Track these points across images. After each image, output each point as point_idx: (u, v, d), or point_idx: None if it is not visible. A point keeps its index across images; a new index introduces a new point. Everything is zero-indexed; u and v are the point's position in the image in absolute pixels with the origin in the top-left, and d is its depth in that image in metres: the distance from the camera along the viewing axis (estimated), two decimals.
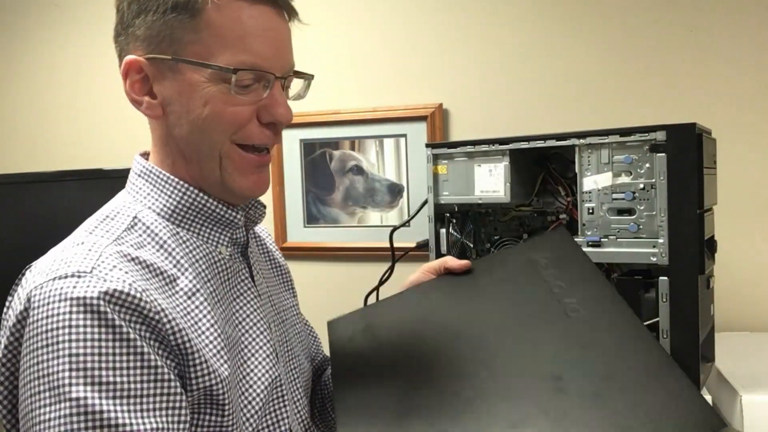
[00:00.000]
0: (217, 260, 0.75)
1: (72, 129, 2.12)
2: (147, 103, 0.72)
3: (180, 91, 0.70)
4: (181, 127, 0.71)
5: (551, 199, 1.30)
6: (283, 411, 0.77)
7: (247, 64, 0.68)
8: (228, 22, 0.68)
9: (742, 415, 1.04)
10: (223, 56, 0.68)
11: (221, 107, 0.69)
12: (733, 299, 1.50)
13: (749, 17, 1.51)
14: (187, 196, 0.74)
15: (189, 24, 0.68)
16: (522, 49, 1.66)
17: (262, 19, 0.70)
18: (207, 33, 0.68)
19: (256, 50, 0.69)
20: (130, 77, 0.71)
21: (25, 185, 1.46)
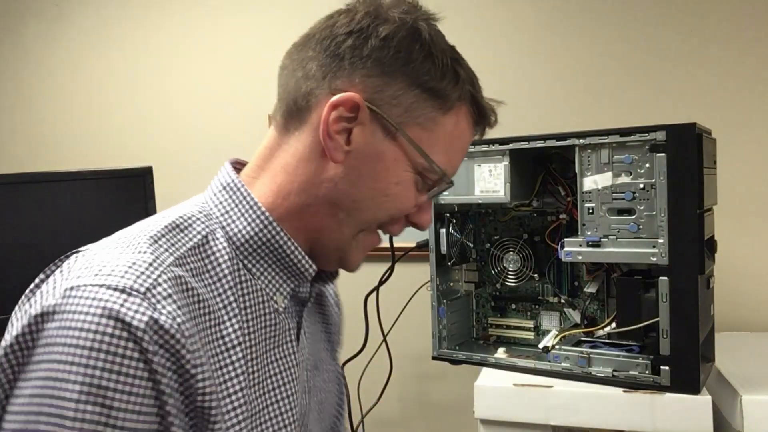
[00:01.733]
0: (268, 311, 0.66)
1: (72, 129, 2.12)
2: (337, 145, 0.63)
3: (378, 153, 0.64)
4: (353, 184, 0.65)
5: (551, 199, 1.30)
6: None
7: (447, 177, 0.68)
8: (457, 129, 0.67)
9: (743, 415, 1.03)
10: (437, 155, 0.65)
11: (405, 195, 0.66)
12: (733, 299, 1.50)
13: (749, 17, 1.51)
14: (267, 230, 0.66)
15: (432, 110, 0.65)
16: (522, 49, 1.66)
17: (469, 138, 0.70)
18: (440, 129, 0.65)
19: (454, 164, 0.69)
20: (338, 110, 0.62)
21: (24, 185, 1.46)
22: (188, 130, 1.99)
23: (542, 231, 1.30)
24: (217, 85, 1.95)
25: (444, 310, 1.34)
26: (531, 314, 1.36)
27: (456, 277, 1.40)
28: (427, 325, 1.35)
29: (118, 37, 2.05)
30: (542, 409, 1.12)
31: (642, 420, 1.06)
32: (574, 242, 1.14)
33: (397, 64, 0.63)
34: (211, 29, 1.95)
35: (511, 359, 1.25)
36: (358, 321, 1.47)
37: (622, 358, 1.12)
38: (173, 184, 1.96)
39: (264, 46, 1.88)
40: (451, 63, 0.65)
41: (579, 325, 1.28)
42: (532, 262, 1.31)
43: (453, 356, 1.32)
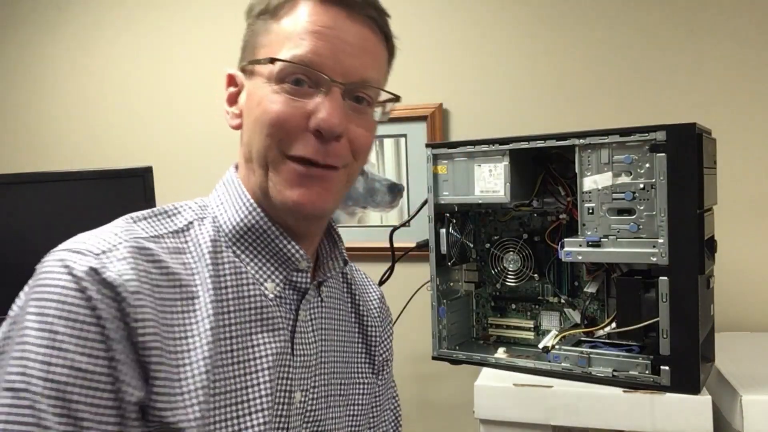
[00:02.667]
0: (255, 295, 0.66)
1: (72, 129, 2.12)
2: (230, 114, 0.71)
3: (247, 95, 0.69)
4: (244, 133, 0.69)
5: (551, 199, 1.30)
6: None
7: (295, 59, 0.63)
8: (293, 19, 0.65)
9: (743, 415, 1.03)
10: (280, 53, 0.64)
11: (268, 106, 0.64)
12: (733, 299, 1.50)
13: (749, 17, 1.51)
14: (251, 216, 0.68)
15: (267, 29, 0.67)
16: (522, 49, 1.66)
17: (327, 17, 0.65)
18: (275, 33, 0.66)
19: (310, 47, 0.64)
20: (227, 91, 0.72)
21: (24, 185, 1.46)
22: (188, 130, 1.98)
23: (542, 231, 1.30)
24: (217, 85, 1.94)
25: (444, 310, 1.34)
26: (531, 314, 1.36)
27: (456, 277, 1.40)
28: (427, 325, 1.35)
29: (119, 37, 2.05)
30: (542, 409, 1.12)
31: (642, 420, 1.06)
32: (574, 242, 1.14)
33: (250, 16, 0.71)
34: (211, 29, 1.95)
35: (511, 359, 1.25)
36: None
37: (622, 358, 1.12)
38: (173, 184, 1.96)
39: None
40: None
41: (579, 325, 1.28)
42: (532, 262, 1.31)
43: (453, 356, 1.32)
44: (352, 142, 0.67)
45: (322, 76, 0.64)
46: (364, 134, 0.69)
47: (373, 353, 0.84)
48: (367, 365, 0.82)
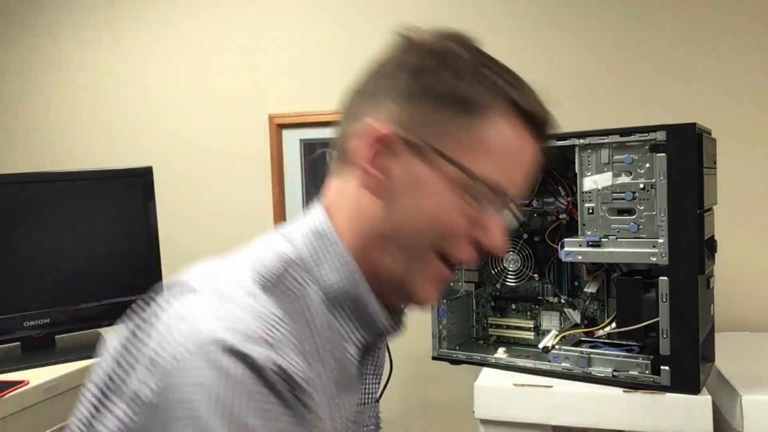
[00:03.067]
0: (342, 356, 0.65)
1: (72, 129, 2.12)
2: (377, 181, 0.63)
3: (415, 180, 0.63)
4: (397, 215, 0.64)
5: (551, 199, 1.30)
6: None
7: (496, 186, 0.62)
8: (501, 137, 0.63)
9: (743, 415, 1.03)
10: (478, 165, 0.62)
11: (448, 211, 0.62)
12: (733, 299, 1.50)
13: (749, 17, 1.51)
14: (357, 287, 0.65)
15: (460, 120, 0.62)
16: (522, 49, 1.66)
17: (530, 151, 0.65)
18: (476, 137, 0.62)
19: (511, 175, 0.63)
20: (373, 147, 0.62)
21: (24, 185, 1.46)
22: (188, 130, 1.98)
23: (542, 231, 1.30)
24: (217, 85, 1.95)
25: (444, 310, 1.34)
26: (531, 314, 1.36)
27: (456, 277, 1.40)
28: (427, 325, 1.35)
29: (118, 37, 2.05)
30: (542, 409, 1.12)
31: (642, 420, 1.06)
32: (574, 242, 1.14)
33: (423, 88, 0.62)
34: (211, 30, 1.95)
35: (511, 359, 1.25)
36: None
37: (622, 358, 1.12)
38: (173, 184, 1.96)
39: (264, 47, 1.88)
40: (477, 65, 0.63)
41: (579, 325, 1.28)
42: (532, 262, 1.31)
43: (453, 356, 1.32)
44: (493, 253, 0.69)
45: (510, 203, 0.65)
46: None
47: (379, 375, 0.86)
48: None
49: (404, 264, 0.65)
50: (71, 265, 1.46)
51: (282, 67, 1.87)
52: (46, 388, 1.27)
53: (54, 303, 1.43)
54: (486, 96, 0.62)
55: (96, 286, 1.47)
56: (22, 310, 1.40)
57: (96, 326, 1.49)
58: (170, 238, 1.85)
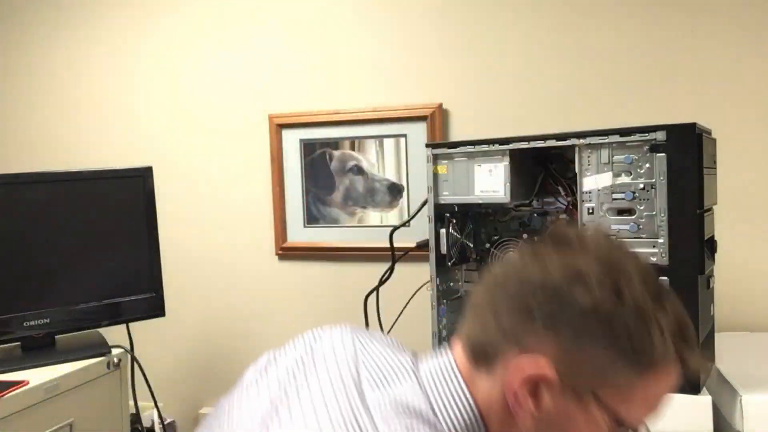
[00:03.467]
0: None
1: (72, 129, 2.12)
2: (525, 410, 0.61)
3: (566, 417, 0.61)
4: None
5: (551, 199, 1.30)
6: None
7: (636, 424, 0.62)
8: (657, 387, 0.61)
9: (743, 414, 1.03)
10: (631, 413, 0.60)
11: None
12: (733, 299, 1.50)
13: (749, 17, 1.51)
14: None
15: (627, 372, 0.59)
16: (522, 49, 1.66)
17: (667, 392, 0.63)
18: (636, 390, 0.60)
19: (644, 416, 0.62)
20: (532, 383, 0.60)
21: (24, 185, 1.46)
22: (188, 130, 1.99)
23: (542, 231, 1.30)
24: (217, 85, 1.95)
25: (444, 309, 1.34)
26: None
27: (456, 277, 1.40)
28: (427, 325, 1.35)
29: (119, 37, 2.05)
30: None
31: None
32: None
33: (593, 330, 0.59)
34: (211, 30, 1.95)
35: None
36: (358, 321, 1.47)
37: None
38: (173, 185, 1.96)
39: (264, 47, 1.88)
40: (652, 316, 0.59)
41: None
42: None
43: None
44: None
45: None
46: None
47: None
48: None
49: None
50: (71, 265, 1.46)
51: (282, 67, 1.87)
52: (46, 388, 1.27)
53: (54, 303, 1.43)
54: (661, 354, 0.59)
55: (96, 286, 1.47)
56: (22, 310, 1.40)
57: (96, 326, 1.49)
58: (170, 238, 1.85)
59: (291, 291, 1.90)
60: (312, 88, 1.85)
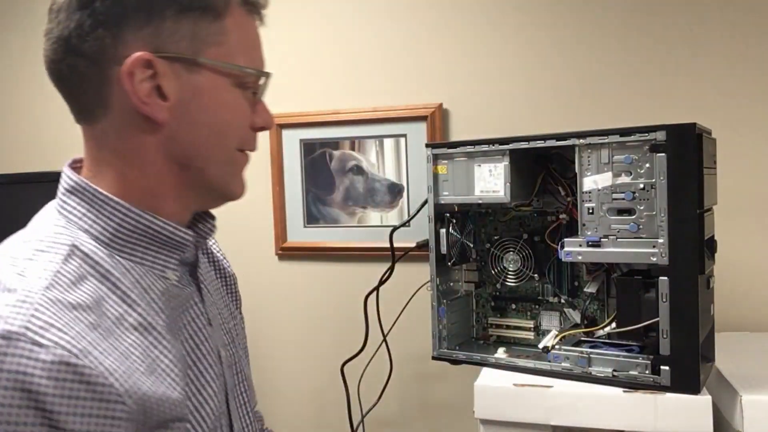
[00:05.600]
0: (167, 287, 0.67)
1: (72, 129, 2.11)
2: (156, 106, 0.63)
3: (196, 94, 0.65)
4: (191, 133, 0.66)
5: (551, 199, 1.30)
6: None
7: (263, 73, 0.71)
8: (242, 29, 0.69)
9: (743, 415, 1.04)
10: (242, 58, 0.68)
11: (239, 112, 0.70)
12: (734, 299, 1.50)
13: (749, 17, 1.51)
14: (129, 218, 0.65)
15: (213, 26, 0.65)
16: (522, 49, 1.66)
17: (255, 28, 0.73)
18: (230, 37, 0.67)
19: (259, 58, 0.72)
20: (136, 75, 0.62)
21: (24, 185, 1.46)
22: None
23: (542, 231, 1.30)
24: None
25: (444, 310, 1.34)
26: (531, 314, 1.36)
27: (456, 277, 1.40)
28: (426, 325, 1.35)
29: None
30: (542, 409, 1.12)
31: (642, 420, 1.06)
32: (574, 242, 1.14)
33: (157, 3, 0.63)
34: None
35: (511, 359, 1.25)
36: (358, 321, 1.47)
37: (622, 358, 1.12)
38: None
39: (264, 46, 1.88)
40: None
41: (579, 325, 1.28)
42: (532, 262, 1.31)
43: (453, 356, 1.32)
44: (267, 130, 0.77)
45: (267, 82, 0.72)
46: None
47: (234, 294, 0.91)
48: (234, 306, 0.90)
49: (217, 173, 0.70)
50: None
51: (282, 67, 1.87)
52: None
53: None
54: None
55: None
56: None
57: None
58: None
59: (291, 291, 1.90)
60: (312, 88, 1.85)
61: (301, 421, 1.92)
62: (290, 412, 1.91)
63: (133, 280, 0.64)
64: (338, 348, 1.76)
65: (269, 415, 1.84)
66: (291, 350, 1.91)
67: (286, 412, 1.91)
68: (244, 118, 0.71)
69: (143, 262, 0.66)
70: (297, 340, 1.90)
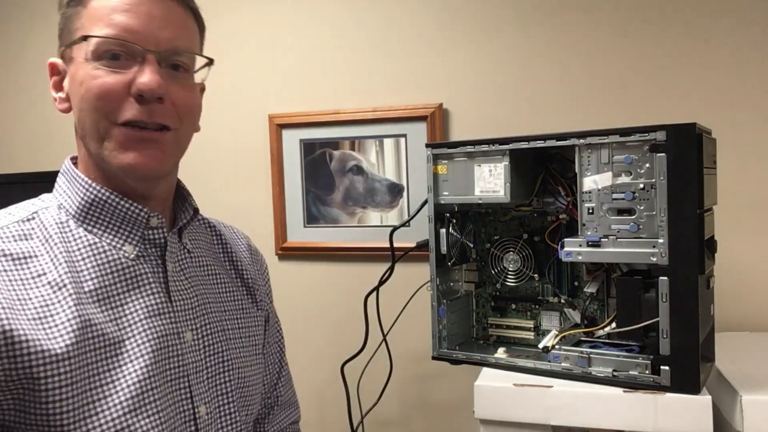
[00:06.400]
0: (114, 259, 0.74)
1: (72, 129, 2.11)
2: (58, 100, 0.77)
3: (70, 79, 0.76)
4: (75, 114, 0.75)
5: (551, 199, 1.30)
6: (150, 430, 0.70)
7: (109, 35, 0.71)
8: (102, 3, 0.73)
9: (743, 415, 1.03)
10: (92, 32, 0.72)
11: (91, 83, 0.72)
12: (734, 299, 1.50)
13: (749, 17, 1.51)
14: (89, 192, 0.76)
15: (78, 13, 0.74)
16: (522, 49, 1.66)
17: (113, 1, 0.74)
18: (87, 16, 0.73)
19: (120, 23, 0.72)
20: (52, 80, 0.79)
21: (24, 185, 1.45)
22: None
23: (542, 231, 1.30)
24: (217, 85, 1.95)
25: (444, 310, 1.34)
26: (531, 314, 1.36)
27: (456, 277, 1.40)
28: (426, 325, 1.35)
29: None
30: (542, 409, 1.12)
31: (642, 420, 1.06)
32: (574, 242, 1.14)
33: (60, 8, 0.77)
34: (211, 30, 1.94)
35: (511, 359, 1.25)
36: (358, 321, 1.47)
37: (622, 358, 1.12)
38: None
39: (265, 47, 1.88)
40: None
41: (579, 325, 1.28)
42: (532, 262, 1.31)
43: (453, 356, 1.32)
44: (176, 104, 0.76)
45: (136, 47, 0.72)
46: (187, 96, 0.79)
47: (252, 290, 0.95)
48: (249, 301, 0.93)
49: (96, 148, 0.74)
50: None
51: (282, 67, 1.87)
52: None
53: None
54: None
55: None
56: None
57: None
58: None
59: (291, 291, 1.90)
60: (312, 88, 1.85)
61: (301, 420, 1.92)
62: None
63: (75, 248, 0.73)
64: (338, 348, 1.77)
65: None
66: (291, 350, 1.91)
67: None
68: (103, 86, 0.72)
69: (104, 234, 0.75)
70: (297, 340, 1.90)
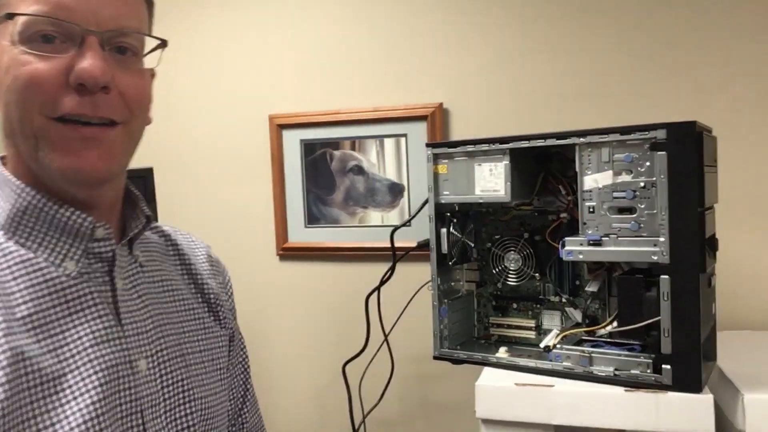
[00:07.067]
0: (52, 278, 0.62)
1: None
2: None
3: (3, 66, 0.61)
4: (1, 109, 0.62)
5: (552, 198, 1.30)
6: None
7: (39, 12, 0.58)
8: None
9: (744, 413, 1.03)
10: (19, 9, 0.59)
11: (19, 69, 0.59)
12: (735, 298, 1.50)
13: (749, 17, 1.51)
14: (21, 198, 0.63)
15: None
16: (522, 48, 1.66)
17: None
18: None
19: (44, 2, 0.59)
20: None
21: None
22: (189, 131, 1.99)
23: (543, 230, 1.30)
24: (217, 85, 1.95)
25: (445, 309, 1.34)
26: (532, 313, 1.36)
27: (457, 277, 1.40)
28: (428, 325, 1.35)
29: None
30: (544, 408, 1.12)
31: (644, 419, 1.06)
32: (575, 241, 1.14)
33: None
34: (211, 30, 1.95)
35: (513, 359, 1.25)
36: (359, 321, 1.47)
37: (623, 357, 1.12)
38: (174, 186, 1.96)
39: (265, 47, 1.88)
40: None
41: (580, 324, 1.28)
42: (533, 261, 1.31)
43: (454, 356, 1.32)
44: (124, 94, 0.64)
45: (73, 26, 0.59)
46: (137, 84, 0.66)
47: (214, 307, 0.83)
48: (211, 319, 0.81)
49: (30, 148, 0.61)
50: None
51: (282, 67, 1.87)
52: None
53: None
54: None
55: None
56: None
57: None
58: None
59: (292, 291, 1.90)
60: (312, 88, 1.85)
61: (302, 421, 1.92)
62: (292, 412, 1.91)
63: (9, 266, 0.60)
64: (339, 348, 1.77)
65: (271, 416, 1.84)
66: (292, 350, 1.91)
67: (288, 412, 1.91)
68: (33, 73, 0.59)
69: (39, 248, 0.62)
70: (298, 341, 1.90)
